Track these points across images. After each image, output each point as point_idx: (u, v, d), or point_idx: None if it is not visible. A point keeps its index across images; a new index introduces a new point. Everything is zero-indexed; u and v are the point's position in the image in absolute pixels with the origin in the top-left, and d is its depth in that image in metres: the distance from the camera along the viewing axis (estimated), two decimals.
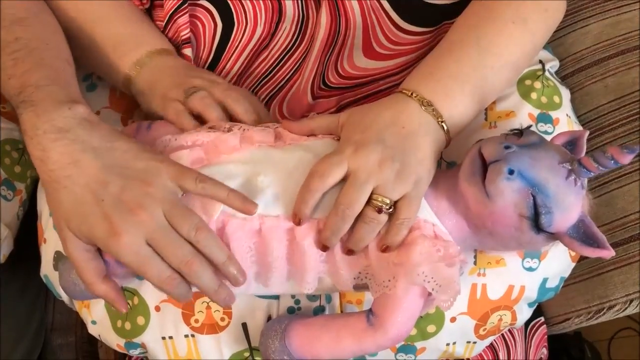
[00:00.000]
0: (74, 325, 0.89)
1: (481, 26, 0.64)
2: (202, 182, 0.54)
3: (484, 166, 0.58)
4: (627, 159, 0.53)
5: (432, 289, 0.56)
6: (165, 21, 0.70)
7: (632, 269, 0.76)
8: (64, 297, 0.73)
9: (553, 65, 0.78)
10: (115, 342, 0.69)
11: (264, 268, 0.58)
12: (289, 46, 0.73)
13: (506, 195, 0.55)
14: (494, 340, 0.76)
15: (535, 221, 0.56)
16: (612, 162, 0.53)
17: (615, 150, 0.53)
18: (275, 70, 0.74)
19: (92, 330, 0.71)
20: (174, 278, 0.55)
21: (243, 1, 0.70)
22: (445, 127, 0.61)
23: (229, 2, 0.69)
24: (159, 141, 0.62)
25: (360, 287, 0.60)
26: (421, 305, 0.58)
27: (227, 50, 0.72)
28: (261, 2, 0.70)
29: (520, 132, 0.61)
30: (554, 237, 0.58)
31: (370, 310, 0.59)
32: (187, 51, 0.71)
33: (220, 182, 0.56)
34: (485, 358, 0.76)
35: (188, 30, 0.70)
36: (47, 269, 0.72)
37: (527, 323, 0.79)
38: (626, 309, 0.76)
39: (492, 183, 0.56)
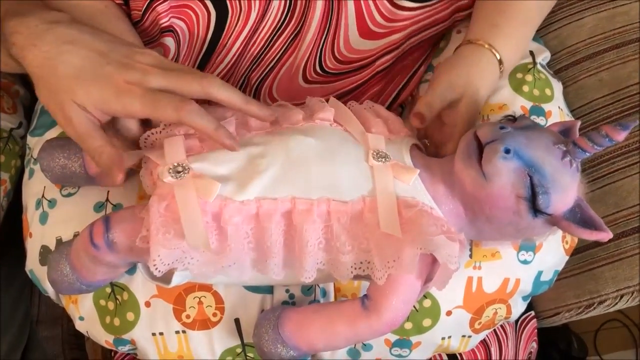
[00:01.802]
0: (60, 317, 0.87)
1: None
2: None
3: (480, 148, 0.58)
4: (621, 135, 0.53)
5: (442, 258, 0.54)
6: (144, 9, 0.68)
7: (624, 264, 0.76)
8: (50, 293, 0.71)
9: (544, 57, 0.78)
10: (103, 338, 0.67)
11: (261, 254, 0.56)
12: (279, 25, 0.71)
13: (503, 174, 0.55)
14: (487, 335, 0.76)
15: (533, 202, 0.56)
16: (607, 139, 0.53)
17: (609, 127, 0.53)
18: (266, 50, 0.72)
19: (80, 326, 0.69)
20: (189, 102, 0.54)
21: None
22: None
23: None
24: (153, 130, 0.60)
25: (360, 277, 0.59)
26: (418, 290, 0.57)
27: (222, 38, 0.70)
28: None
29: (514, 118, 0.61)
30: (551, 220, 0.58)
31: (365, 295, 0.58)
32: (167, 41, 0.69)
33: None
34: (478, 353, 0.76)
35: (168, 18, 0.68)
36: (32, 264, 0.70)
37: (517, 318, 0.79)
38: (616, 304, 0.76)
39: (489, 162, 0.56)
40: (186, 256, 0.54)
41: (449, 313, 0.66)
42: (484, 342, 0.77)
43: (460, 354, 0.73)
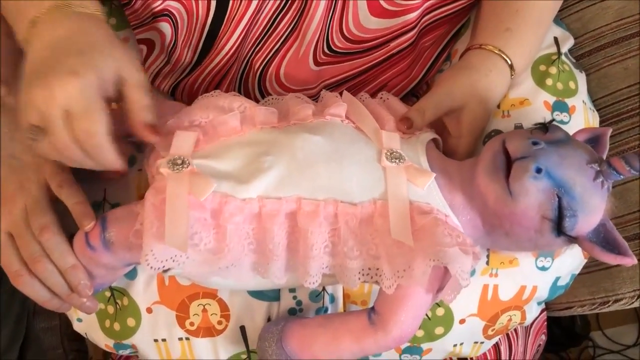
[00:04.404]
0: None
1: None
2: (59, 187, 0.56)
3: (507, 162, 0.54)
4: None
5: (455, 272, 0.51)
6: None
7: None
8: None
9: (568, 44, 0.72)
10: (103, 342, 0.65)
11: (262, 257, 0.53)
12: (282, 4, 0.66)
13: (531, 195, 0.52)
14: None
15: (558, 224, 0.53)
16: None
17: None
18: (269, 32, 0.67)
19: (78, 328, 0.66)
20: (21, 274, 0.55)
21: None
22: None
23: None
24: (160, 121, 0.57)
25: (368, 281, 0.56)
26: (428, 305, 0.55)
27: (225, 21, 0.65)
28: None
29: (545, 127, 0.57)
30: (572, 240, 0.55)
31: (372, 308, 0.55)
32: (163, 26, 0.65)
33: (75, 191, 0.56)
34: (488, 354, 0.74)
35: (161, 1, 0.63)
36: None
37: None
38: (633, 303, 0.74)
39: (518, 181, 0.52)
40: (181, 254, 0.51)
41: (462, 321, 0.63)
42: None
43: (470, 358, 0.71)
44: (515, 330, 0.76)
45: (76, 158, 0.51)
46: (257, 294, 0.62)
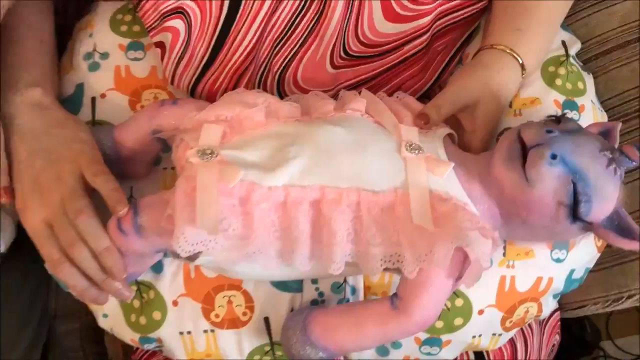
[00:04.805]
0: (77, 311, 0.86)
1: None
2: (95, 175, 0.59)
3: (523, 151, 0.56)
4: None
5: (475, 254, 0.52)
6: None
7: None
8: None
9: (575, 47, 0.75)
10: (129, 336, 0.66)
11: (288, 244, 0.55)
12: (300, 6, 0.68)
13: (547, 180, 0.54)
14: None
15: (574, 210, 0.55)
16: None
17: None
18: (288, 34, 0.70)
19: (103, 323, 0.68)
20: (62, 262, 0.57)
21: None
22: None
23: None
24: (186, 117, 0.60)
25: (389, 270, 0.57)
26: (449, 289, 0.56)
27: (237, 18, 0.67)
28: None
29: (557, 119, 0.59)
30: (588, 227, 0.57)
31: (394, 294, 0.57)
32: (176, 23, 0.67)
33: (109, 178, 0.59)
34: (504, 350, 0.75)
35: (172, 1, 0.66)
36: None
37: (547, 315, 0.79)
38: None
39: (534, 167, 0.54)
40: (211, 239, 0.53)
41: (481, 312, 0.65)
42: (510, 339, 0.76)
43: (487, 352, 0.72)
44: (531, 327, 0.77)
45: None
46: (281, 285, 0.64)
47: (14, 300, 0.78)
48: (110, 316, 0.67)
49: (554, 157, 0.54)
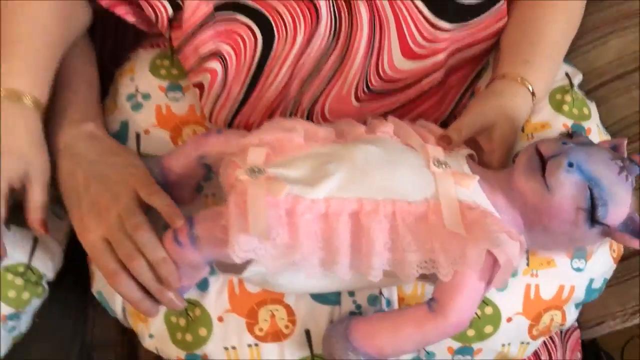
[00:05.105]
0: (113, 344, 0.88)
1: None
2: (150, 194, 0.64)
3: (542, 162, 0.62)
4: None
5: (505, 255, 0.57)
6: (183, 39, 0.73)
7: None
8: (118, 314, 0.73)
9: (577, 78, 0.82)
10: (175, 354, 0.69)
11: (329, 254, 0.59)
12: (326, 48, 0.75)
13: (566, 187, 0.59)
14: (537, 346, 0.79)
15: (592, 214, 0.60)
16: None
17: None
18: (315, 74, 0.76)
19: (149, 344, 0.71)
20: (119, 273, 0.61)
21: (281, 12, 0.72)
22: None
23: (268, 15, 0.72)
24: (232, 143, 0.66)
25: (424, 279, 0.62)
26: (482, 291, 0.60)
27: (269, 61, 0.74)
28: (298, 10, 0.73)
29: (570, 135, 0.65)
30: (605, 231, 0.62)
31: (431, 299, 0.61)
32: (215, 64, 0.73)
33: (164, 196, 0.65)
34: None
35: (214, 43, 0.72)
36: (100, 285, 0.73)
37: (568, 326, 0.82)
38: None
39: (553, 175, 0.60)
40: (261, 247, 0.57)
41: (509, 319, 0.68)
42: (535, 353, 0.79)
43: None
44: (554, 341, 0.80)
45: None
46: (320, 298, 0.67)
47: (57, 330, 0.81)
48: (155, 336, 0.70)
49: (570, 165, 0.60)
